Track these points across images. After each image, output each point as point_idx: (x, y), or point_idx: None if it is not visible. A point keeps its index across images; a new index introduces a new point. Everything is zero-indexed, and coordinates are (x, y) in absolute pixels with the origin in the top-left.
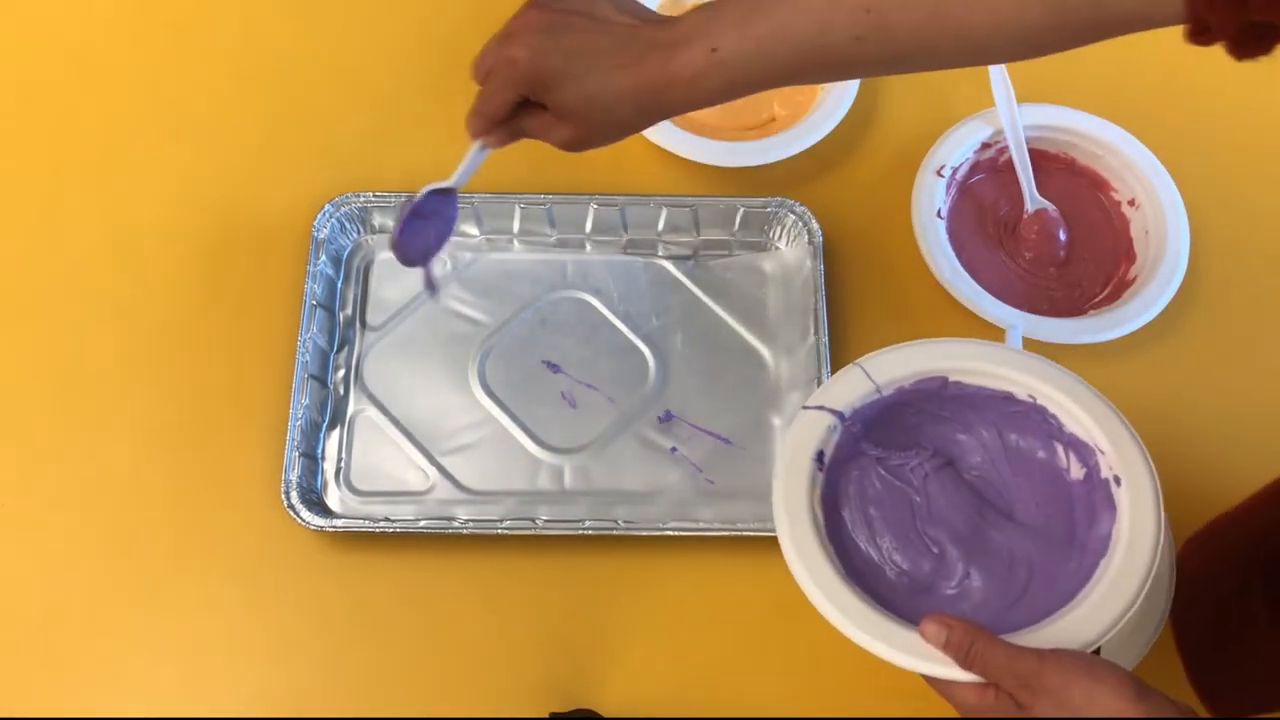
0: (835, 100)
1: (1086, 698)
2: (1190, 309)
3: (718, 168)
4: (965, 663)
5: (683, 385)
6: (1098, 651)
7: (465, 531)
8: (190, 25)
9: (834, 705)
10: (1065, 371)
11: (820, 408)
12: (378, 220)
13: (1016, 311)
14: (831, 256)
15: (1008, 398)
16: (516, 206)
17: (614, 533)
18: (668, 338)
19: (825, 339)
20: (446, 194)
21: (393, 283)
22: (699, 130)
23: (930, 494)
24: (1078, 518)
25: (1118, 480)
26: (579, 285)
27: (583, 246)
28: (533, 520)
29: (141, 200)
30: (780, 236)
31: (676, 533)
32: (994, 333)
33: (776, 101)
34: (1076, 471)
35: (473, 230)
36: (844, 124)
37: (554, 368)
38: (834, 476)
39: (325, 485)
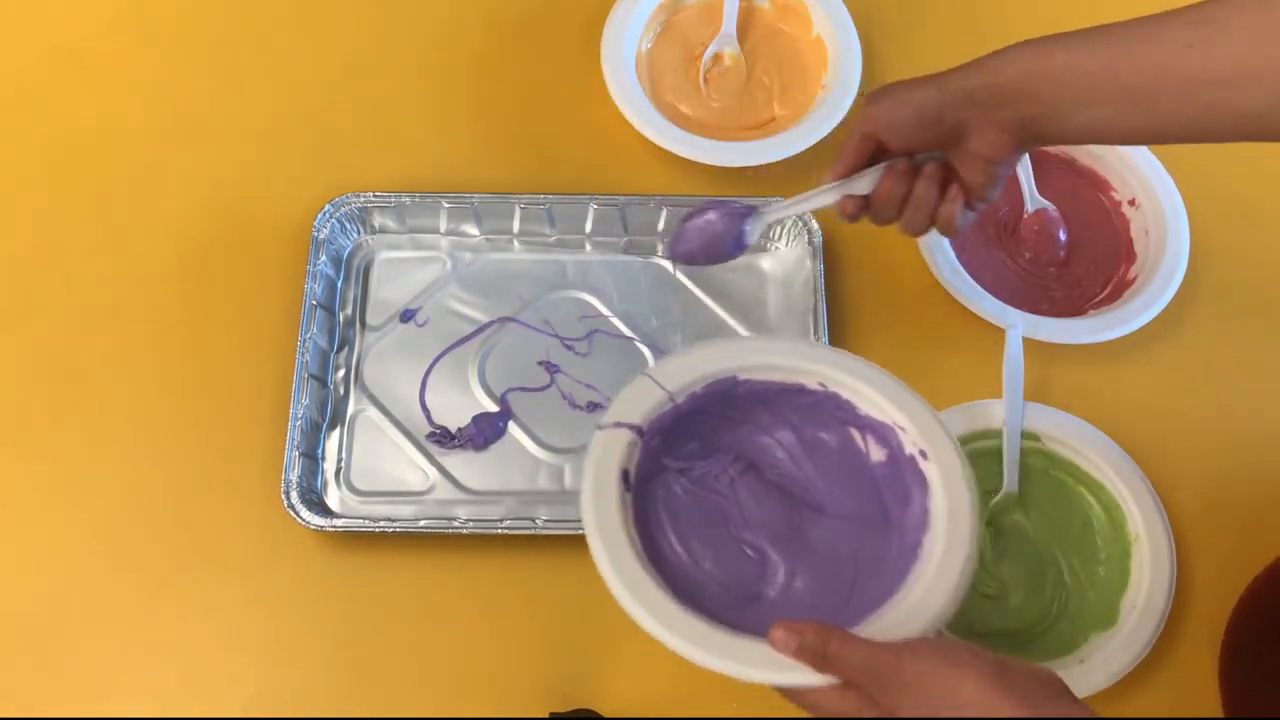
0: (835, 100)
1: (948, 689)
2: (1190, 309)
3: (718, 168)
4: (821, 666)
5: None
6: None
7: (465, 531)
8: (190, 26)
9: None
10: (854, 357)
11: (617, 425)
12: (378, 220)
13: (1016, 311)
14: (831, 256)
15: (800, 389)
16: (516, 206)
17: None
18: (668, 338)
19: (825, 339)
20: (746, 213)
21: (393, 283)
22: (699, 130)
23: (740, 500)
24: (889, 500)
25: (924, 454)
26: (579, 285)
27: (583, 246)
28: (533, 520)
29: (141, 200)
30: (780, 236)
31: None
32: (994, 332)
33: (776, 101)
34: (878, 454)
35: (473, 230)
36: (844, 124)
37: (554, 368)
38: (642, 495)
39: (325, 485)
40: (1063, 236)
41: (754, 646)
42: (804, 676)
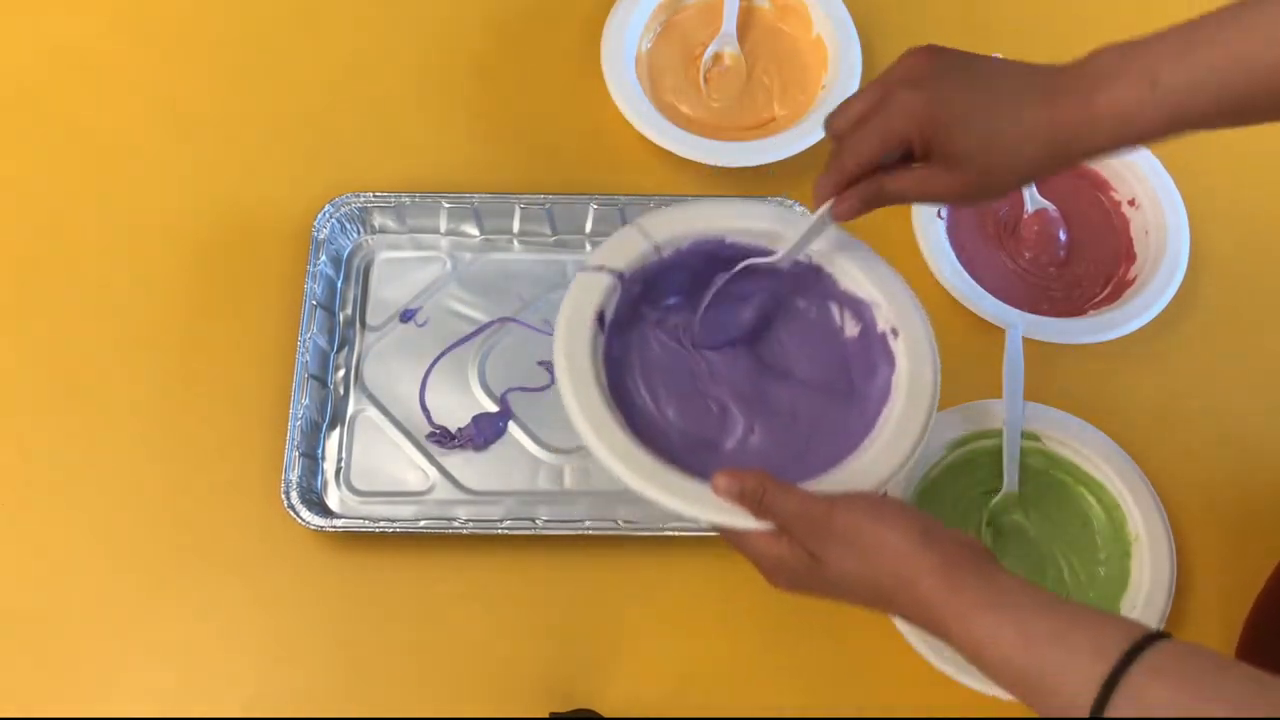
0: (835, 100)
1: (874, 538)
2: (1190, 309)
3: (718, 168)
4: (758, 512)
5: None
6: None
7: (465, 531)
8: (190, 26)
9: (833, 704)
10: (840, 229)
11: (600, 268)
12: (378, 220)
13: (1017, 311)
14: None
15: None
16: (516, 206)
17: (614, 533)
18: None
19: None
20: (767, 272)
21: (393, 283)
22: (699, 130)
23: (709, 357)
24: (855, 373)
25: (894, 332)
26: None
27: (583, 246)
28: (533, 520)
29: (142, 200)
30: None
31: (676, 533)
32: (994, 332)
33: (776, 101)
34: (852, 329)
35: (473, 230)
36: None
37: (554, 368)
38: (614, 338)
39: (325, 485)
40: (1063, 236)
41: (701, 489)
42: (741, 520)
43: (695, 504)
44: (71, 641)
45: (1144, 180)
